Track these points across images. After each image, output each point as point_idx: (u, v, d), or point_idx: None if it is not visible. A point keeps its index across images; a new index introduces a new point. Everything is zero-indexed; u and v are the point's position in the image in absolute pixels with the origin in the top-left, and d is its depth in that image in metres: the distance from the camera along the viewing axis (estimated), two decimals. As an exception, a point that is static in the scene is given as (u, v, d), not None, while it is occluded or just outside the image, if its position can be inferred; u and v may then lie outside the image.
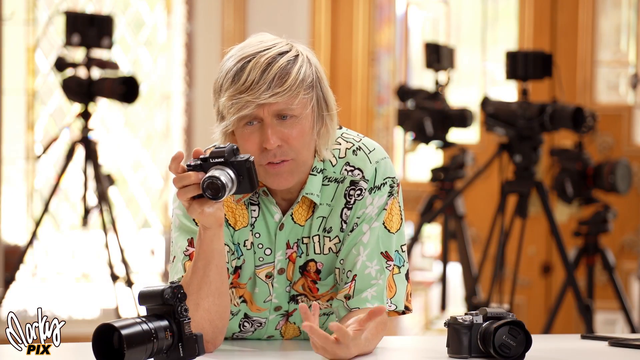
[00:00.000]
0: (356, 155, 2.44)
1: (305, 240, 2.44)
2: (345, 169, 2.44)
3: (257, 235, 2.44)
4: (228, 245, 2.42)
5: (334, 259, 2.44)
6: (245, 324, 2.50)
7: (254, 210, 2.44)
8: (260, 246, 2.44)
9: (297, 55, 2.34)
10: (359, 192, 2.43)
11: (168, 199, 6.60)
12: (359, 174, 2.43)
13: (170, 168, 2.25)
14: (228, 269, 2.42)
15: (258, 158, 2.33)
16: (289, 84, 2.30)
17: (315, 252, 2.44)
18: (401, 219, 2.46)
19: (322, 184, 2.43)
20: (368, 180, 2.42)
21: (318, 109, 2.36)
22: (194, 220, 2.40)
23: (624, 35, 6.68)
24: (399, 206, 2.46)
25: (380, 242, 2.42)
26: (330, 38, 6.88)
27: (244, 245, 2.44)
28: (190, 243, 2.41)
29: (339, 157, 2.44)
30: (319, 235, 2.44)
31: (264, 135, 2.32)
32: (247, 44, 2.35)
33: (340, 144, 2.45)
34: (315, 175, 2.42)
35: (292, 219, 2.43)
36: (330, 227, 2.43)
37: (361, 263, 2.40)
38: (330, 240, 2.44)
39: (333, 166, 2.44)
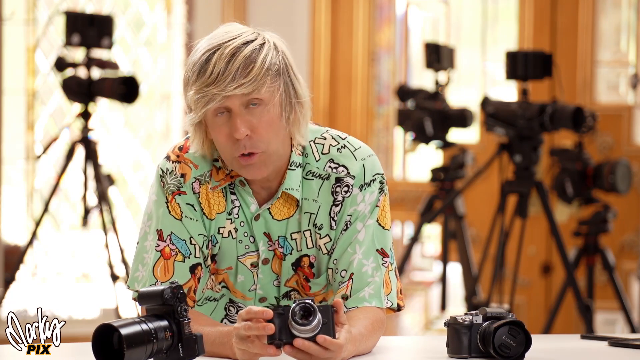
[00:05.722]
0: (340, 152, 2.43)
1: (294, 236, 2.43)
2: (329, 166, 2.43)
3: (242, 224, 2.44)
4: (203, 235, 2.42)
5: (326, 258, 2.43)
6: (231, 307, 2.49)
7: (235, 200, 2.43)
8: (245, 234, 2.43)
9: (262, 44, 2.32)
10: (346, 188, 2.42)
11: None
12: (343, 171, 2.42)
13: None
14: (206, 258, 2.43)
15: (231, 150, 2.33)
16: (254, 73, 2.29)
17: (307, 247, 2.44)
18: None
19: (304, 178, 2.42)
20: (355, 177, 2.42)
21: (286, 96, 2.35)
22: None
23: (624, 35, 6.68)
24: (388, 203, 2.46)
25: (375, 239, 2.41)
26: (330, 38, 6.87)
27: (219, 233, 2.44)
28: (160, 236, 2.40)
29: (322, 153, 2.43)
30: (310, 230, 2.43)
31: (232, 125, 2.31)
32: (214, 35, 2.34)
33: (325, 139, 2.45)
34: (294, 169, 2.41)
35: (270, 213, 2.42)
36: (321, 224, 2.42)
37: (357, 261, 2.39)
38: (320, 238, 2.43)
39: (317, 161, 2.43)
